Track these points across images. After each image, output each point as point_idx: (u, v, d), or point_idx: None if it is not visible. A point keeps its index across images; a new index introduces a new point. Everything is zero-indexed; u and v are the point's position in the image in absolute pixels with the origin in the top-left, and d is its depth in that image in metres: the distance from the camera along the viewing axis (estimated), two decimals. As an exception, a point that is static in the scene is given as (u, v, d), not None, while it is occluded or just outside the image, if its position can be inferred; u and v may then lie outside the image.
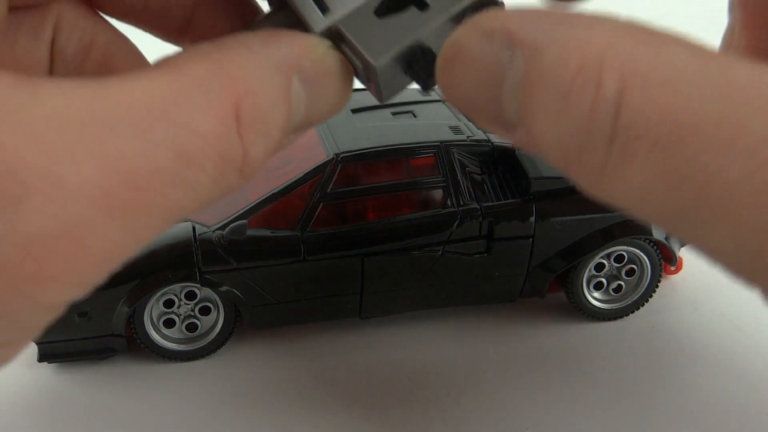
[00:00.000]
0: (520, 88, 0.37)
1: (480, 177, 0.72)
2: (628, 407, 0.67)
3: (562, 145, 0.36)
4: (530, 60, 0.36)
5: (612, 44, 0.34)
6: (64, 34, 0.45)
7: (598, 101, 0.34)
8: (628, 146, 0.34)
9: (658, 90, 0.33)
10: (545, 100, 0.36)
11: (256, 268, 0.67)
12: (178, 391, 0.68)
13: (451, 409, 0.66)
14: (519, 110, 0.37)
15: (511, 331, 0.76)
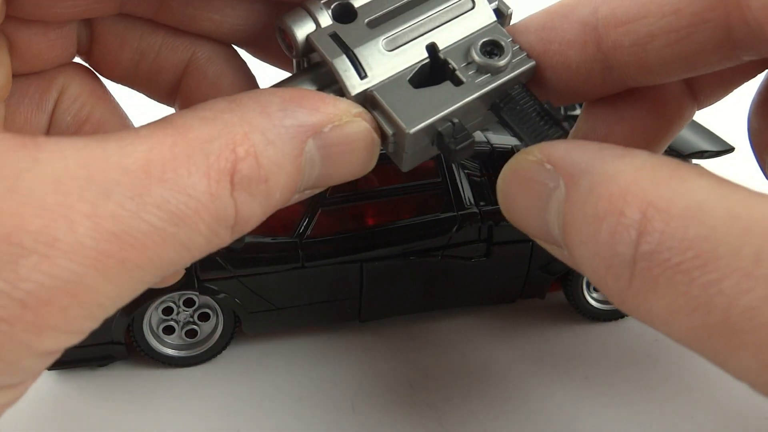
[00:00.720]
0: (560, 214, 0.41)
1: (479, 180, 0.71)
2: (628, 407, 0.67)
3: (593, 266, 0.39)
4: (569, 187, 0.40)
5: (636, 177, 0.38)
6: (65, 105, 0.47)
7: (620, 229, 0.37)
8: (650, 272, 0.36)
9: (679, 221, 0.36)
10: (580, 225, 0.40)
11: (254, 275, 0.66)
12: (178, 398, 0.68)
13: (452, 414, 0.66)
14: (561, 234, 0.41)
15: (511, 333, 0.76)
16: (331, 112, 0.38)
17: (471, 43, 0.43)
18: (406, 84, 0.41)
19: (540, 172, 0.42)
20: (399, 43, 0.41)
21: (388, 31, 0.41)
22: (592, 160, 0.40)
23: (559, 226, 0.42)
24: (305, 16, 0.41)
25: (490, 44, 0.43)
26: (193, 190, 0.33)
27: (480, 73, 0.42)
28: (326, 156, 0.38)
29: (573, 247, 0.41)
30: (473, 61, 0.42)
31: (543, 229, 0.44)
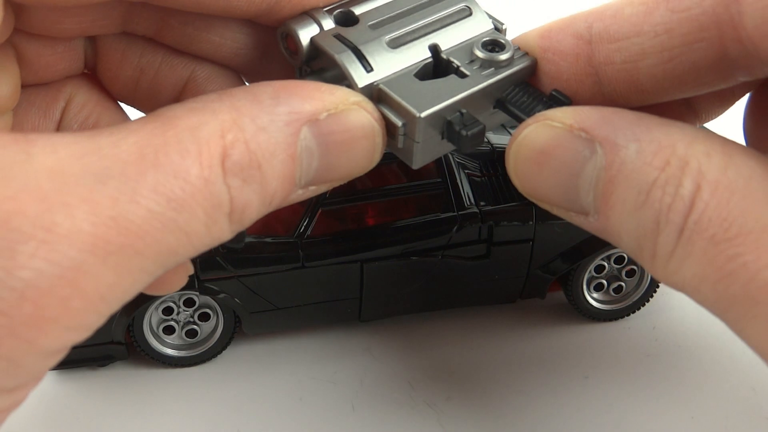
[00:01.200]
0: (598, 180, 0.40)
1: (479, 180, 0.71)
2: (629, 407, 0.67)
3: (637, 234, 0.40)
4: (611, 154, 0.40)
5: (691, 149, 0.39)
6: (72, 114, 0.48)
7: (677, 199, 0.38)
8: (690, 241, 0.38)
9: (724, 194, 0.37)
10: (625, 193, 0.40)
11: (254, 275, 0.66)
12: (178, 398, 0.68)
13: (452, 414, 0.66)
14: (595, 200, 0.41)
15: (511, 333, 0.76)
16: (327, 99, 0.38)
17: (472, 44, 0.44)
18: (412, 78, 0.41)
19: (570, 139, 0.41)
20: (402, 42, 0.42)
21: (390, 31, 0.42)
22: (636, 127, 0.40)
23: (594, 193, 0.41)
24: (309, 21, 0.42)
25: (492, 43, 0.44)
26: (187, 174, 0.33)
27: (483, 68, 0.43)
28: (324, 145, 0.38)
29: (611, 214, 0.40)
30: (476, 58, 0.43)
31: (569, 197, 0.43)
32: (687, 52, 0.43)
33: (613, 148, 0.40)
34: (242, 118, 0.35)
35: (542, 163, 0.42)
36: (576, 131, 0.41)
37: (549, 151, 0.42)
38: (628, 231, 0.41)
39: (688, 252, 0.38)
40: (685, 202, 0.38)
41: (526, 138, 0.42)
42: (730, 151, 0.39)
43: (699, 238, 0.38)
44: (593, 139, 0.40)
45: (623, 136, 0.40)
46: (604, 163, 0.40)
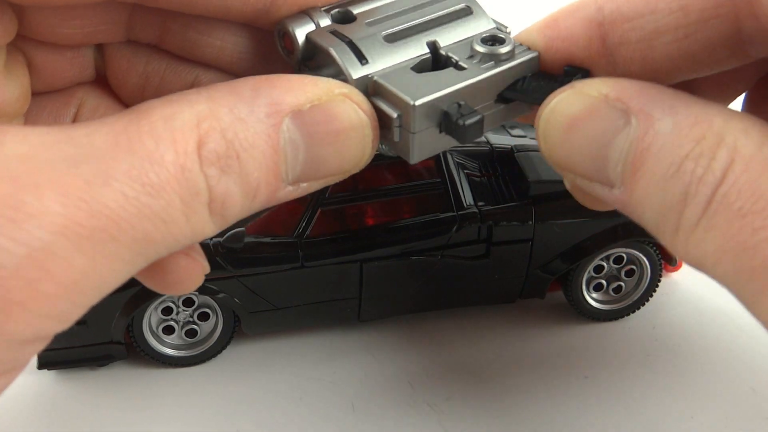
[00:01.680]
0: (630, 151, 0.40)
1: (479, 180, 0.71)
2: (629, 407, 0.67)
3: (662, 207, 0.40)
4: (646, 125, 0.39)
5: (728, 126, 0.38)
6: (83, 119, 0.47)
7: (708, 171, 0.38)
8: (717, 212, 0.37)
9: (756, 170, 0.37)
10: (656, 166, 0.39)
11: (254, 275, 0.66)
12: (178, 397, 0.68)
13: (452, 414, 0.66)
14: (624, 171, 0.41)
15: (511, 333, 0.75)
16: (310, 90, 0.37)
17: (472, 40, 0.43)
18: (409, 71, 0.40)
19: (605, 108, 0.41)
20: (399, 38, 0.42)
21: (388, 28, 0.42)
22: (674, 101, 0.40)
23: (623, 164, 0.41)
24: (305, 18, 0.42)
25: (491, 38, 0.43)
26: (162, 160, 0.32)
27: (483, 62, 0.41)
28: (309, 136, 0.36)
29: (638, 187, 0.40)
30: (476, 53, 0.42)
31: (597, 167, 0.42)
32: (702, 28, 0.43)
33: (649, 120, 0.39)
34: (219, 109, 0.34)
35: (574, 130, 0.42)
36: (612, 101, 0.40)
37: (582, 119, 0.41)
38: (652, 204, 0.40)
39: (712, 224, 0.38)
40: (716, 175, 0.38)
41: (560, 104, 0.41)
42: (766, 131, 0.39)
43: (725, 210, 0.38)
44: (629, 110, 0.40)
45: (660, 109, 0.39)
46: (637, 135, 0.40)
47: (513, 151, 0.72)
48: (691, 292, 0.81)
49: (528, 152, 0.72)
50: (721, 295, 0.84)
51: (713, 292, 0.81)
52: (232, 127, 0.34)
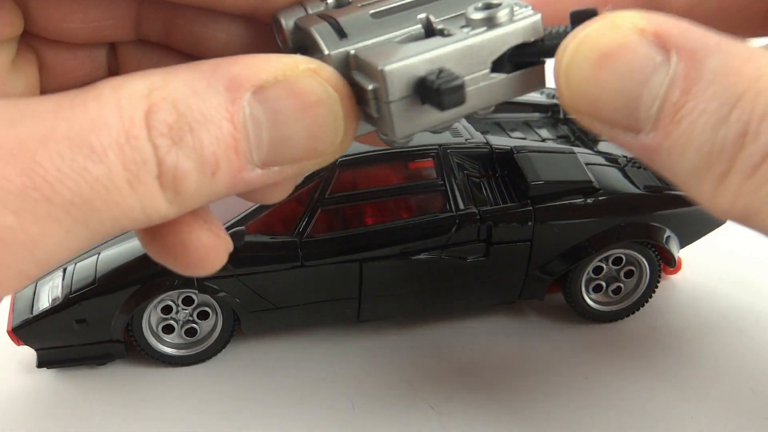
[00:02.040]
0: (670, 89, 0.36)
1: (478, 180, 0.71)
2: (629, 407, 0.67)
3: (708, 150, 0.36)
4: (690, 63, 0.36)
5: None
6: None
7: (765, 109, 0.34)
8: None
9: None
10: (704, 105, 0.36)
11: (254, 274, 0.67)
12: (177, 396, 0.68)
13: (452, 413, 0.66)
14: (660, 112, 0.37)
15: (511, 334, 0.76)
16: (273, 65, 0.34)
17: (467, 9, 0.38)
18: (393, 44, 0.37)
19: (641, 42, 0.37)
20: (388, 14, 0.38)
21: (378, 6, 0.38)
22: (719, 39, 0.36)
23: (661, 104, 0.37)
24: (297, 7, 0.40)
25: (486, 4, 0.38)
26: (104, 124, 0.30)
27: (475, 28, 0.37)
28: (272, 113, 0.34)
29: (677, 129, 0.36)
30: (470, 21, 0.37)
31: (627, 108, 0.38)
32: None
33: (693, 57, 0.36)
34: (174, 79, 0.32)
35: (604, 66, 0.37)
36: (648, 35, 0.36)
37: (615, 53, 0.37)
38: (694, 148, 0.36)
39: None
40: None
41: (589, 37, 0.37)
42: None
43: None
44: (668, 45, 0.36)
45: (704, 47, 0.36)
46: (679, 72, 0.36)
47: (512, 152, 0.72)
48: (691, 293, 0.81)
49: (527, 153, 0.72)
50: (721, 297, 0.84)
51: (712, 295, 0.81)
52: (185, 98, 0.32)
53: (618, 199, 0.71)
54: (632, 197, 0.71)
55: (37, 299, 0.67)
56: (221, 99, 0.33)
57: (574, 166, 0.71)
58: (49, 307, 0.66)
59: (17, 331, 0.66)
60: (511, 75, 0.37)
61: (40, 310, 0.66)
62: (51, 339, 0.67)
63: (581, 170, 0.71)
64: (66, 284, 0.66)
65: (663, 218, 0.72)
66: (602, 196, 0.70)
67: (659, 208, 0.72)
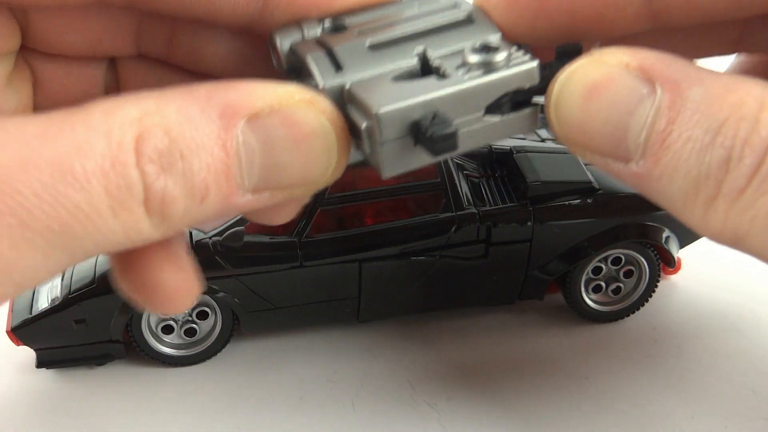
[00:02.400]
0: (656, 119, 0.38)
1: (478, 181, 0.71)
2: (629, 408, 0.67)
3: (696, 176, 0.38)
4: (674, 95, 0.38)
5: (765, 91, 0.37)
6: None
7: (754, 134, 0.36)
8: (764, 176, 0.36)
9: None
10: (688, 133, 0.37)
11: (253, 275, 0.67)
12: (177, 396, 0.68)
13: (452, 414, 0.66)
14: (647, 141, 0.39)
15: (510, 334, 0.76)
16: (270, 94, 0.34)
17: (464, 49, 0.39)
18: (388, 80, 0.37)
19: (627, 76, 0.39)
20: (386, 46, 0.39)
21: (378, 37, 0.39)
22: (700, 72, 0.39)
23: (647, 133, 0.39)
24: (294, 28, 0.40)
25: (484, 47, 0.38)
26: (91, 150, 0.30)
27: (471, 71, 0.37)
28: (265, 141, 0.34)
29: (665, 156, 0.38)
30: (466, 62, 0.38)
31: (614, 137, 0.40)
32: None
33: (676, 88, 0.38)
34: (168, 106, 0.32)
35: (592, 99, 0.39)
36: (633, 69, 0.38)
37: (602, 86, 0.39)
38: (683, 173, 0.38)
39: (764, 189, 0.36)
40: (762, 138, 0.36)
41: (577, 72, 0.39)
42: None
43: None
44: (653, 78, 0.38)
45: (687, 78, 0.38)
46: (664, 102, 0.38)
47: (512, 153, 0.72)
48: (690, 293, 0.81)
49: (527, 153, 0.72)
50: (721, 297, 0.84)
51: (712, 295, 0.81)
52: (178, 125, 0.32)
53: (617, 199, 0.71)
54: (631, 197, 0.71)
55: (36, 299, 0.67)
56: (214, 127, 0.33)
57: (573, 167, 0.71)
58: (48, 307, 0.66)
59: (16, 331, 0.66)
60: (503, 118, 0.38)
61: (39, 311, 0.66)
62: (50, 339, 0.67)
63: (581, 170, 0.71)
64: (65, 284, 0.67)
65: (662, 218, 0.72)
66: (601, 196, 0.70)
67: (658, 208, 0.72)
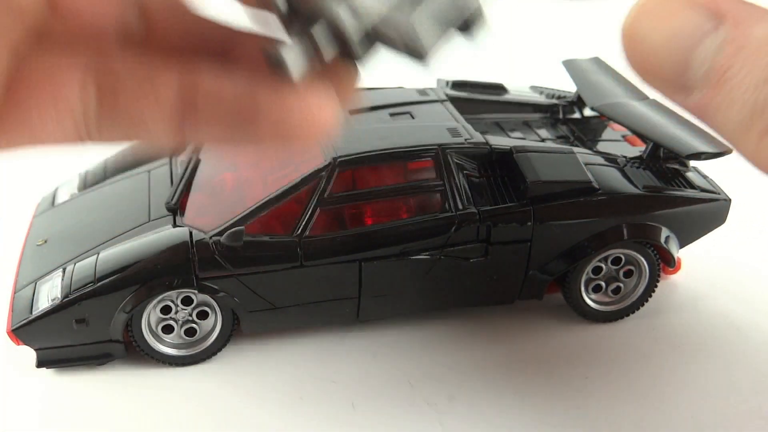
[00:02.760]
0: (718, 52, 0.40)
1: (478, 180, 0.71)
2: (629, 408, 0.67)
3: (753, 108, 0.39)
4: (737, 31, 0.40)
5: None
6: None
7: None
8: None
9: None
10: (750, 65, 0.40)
11: (253, 274, 0.67)
12: (177, 396, 0.68)
13: (452, 414, 0.66)
14: (709, 72, 0.41)
15: (510, 334, 0.76)
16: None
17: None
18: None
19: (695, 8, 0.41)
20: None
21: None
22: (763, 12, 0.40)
23: (708, 65, 0.41)
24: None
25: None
26: None
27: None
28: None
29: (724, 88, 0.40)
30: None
31: (676, 68, 0.42)
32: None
33: (740, 25, 0.40)
34: None
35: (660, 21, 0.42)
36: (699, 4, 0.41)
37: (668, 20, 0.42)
38: (739, 107, 0.40)
39: None
40: None
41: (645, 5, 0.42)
42: None
43: None
44: (717, 14, 0.41)
45: (753, 16, 0.40)
46: (727, 38, 0.40)
47: (512, 152, 0.72)
48: (690, 293, 0.81)
49: (527, 153, 0.72)
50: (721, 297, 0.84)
51: (712, 295, 0.81)
52: None
53: (617, 199, 0.71)
54: (631, 197, 0.71)
55: (37, 299, 0.67)
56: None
57: (573, 166, 0.71)
58: (48, 307, 0.66)
59: (17, 331, 0.66)
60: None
61: (39, 310, 0.66)
62: (50, 339, 0.67)
63: (580, 170, 0.71)
64: (65, 284, 0.67)
65: (662, 218, 0.73)
66: (601, 196, 0.70)
67: (658, 208, 0.72)
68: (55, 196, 0.84)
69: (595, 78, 0.86)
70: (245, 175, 0.75)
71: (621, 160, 0.76)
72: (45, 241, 0.75)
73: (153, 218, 0.72)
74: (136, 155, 0.83)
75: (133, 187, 0.79)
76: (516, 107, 0.87)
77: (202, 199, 0.74)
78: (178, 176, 0.76)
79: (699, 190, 0.74)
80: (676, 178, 0.75)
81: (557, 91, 0.91)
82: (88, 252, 0.70)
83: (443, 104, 0.80)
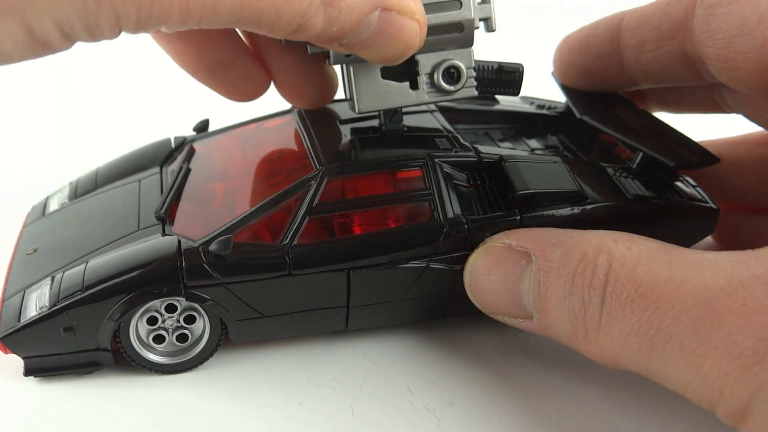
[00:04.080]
0: (536, 282, 0.55)
1: (467, 189, 0.72)
2: (629, 412, 0.67)
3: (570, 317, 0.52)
4: (542, 259, 0.55)
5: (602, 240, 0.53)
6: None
7: (594, 277, 0.51)
8: (612, 306, 0.49)
9: (632, 263, 0.50)
10: (556, 287, 0.53)
11: (241, 283, 0.67)
12: (166, 404, 0.68)
13: (450, 418, 0.66)
14: (535, 299, 0.55)
15: (507, 340, 0.75)
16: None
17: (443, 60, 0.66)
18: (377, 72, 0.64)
19: (510, 253, 0.58)
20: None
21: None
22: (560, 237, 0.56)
23: (533, 294, 0.55)
24: None
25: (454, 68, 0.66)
26: None
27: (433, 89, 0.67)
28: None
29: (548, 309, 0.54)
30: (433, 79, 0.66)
31: (514, 302, 0.57)
32: (665, 45, 0.63)
33: (543, 255, 0.54)
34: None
35: (490, 273, 0.59)
36: (515, 247, 0.57)
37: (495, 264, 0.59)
38: (562, 319, 0.53)
39: (612, 317, 0.49)
40: (600, 279, 0.50)
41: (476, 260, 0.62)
42: (635, 237, 0.53)
43: (617, 301, 0.49)
44: (528, 251, 0.56)
45: (551, 245, 0.55)
46: (538, 267, 0.54)
47: (501, 161, 0.72)
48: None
49: (516, 162, 0.72)
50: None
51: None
52: None
53: (606, 209, 0.71)
54: (621, 207, 0.71)
55: (25, 308, 0.67)
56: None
57: (562, 176, 0.72)
58: (36, 315, 0.66)
59: (4, 339, 0.66)
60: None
61: (27, 319, 0.66)
62: (38, 347, 0.67)
63: (569, 179, 0.71)
64: (53, 292, 0.66)
65: (652, 228, 0.73)
66: (590, 205, 0.71)
67: (648, 217, 0.73)
68: (46, 205, 0.84)
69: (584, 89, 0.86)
70: (234, 184, 0.75)
71: (610, 169, 0.76)
72: (35, 250, 0.75)
73: (142, 227, 0.72)
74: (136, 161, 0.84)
75: (124, 196, 0.79)
76: (506, 117, 0.87)
77: (191, 208, 0.74)
78: (168, 185, 0.76)
79: (687, 199, 0.75)
80: (665, 188, 0.75)
81: (547, 102, 0.91)
82: (78, 261, 0.70)
83: (433, 114, 0.81)
